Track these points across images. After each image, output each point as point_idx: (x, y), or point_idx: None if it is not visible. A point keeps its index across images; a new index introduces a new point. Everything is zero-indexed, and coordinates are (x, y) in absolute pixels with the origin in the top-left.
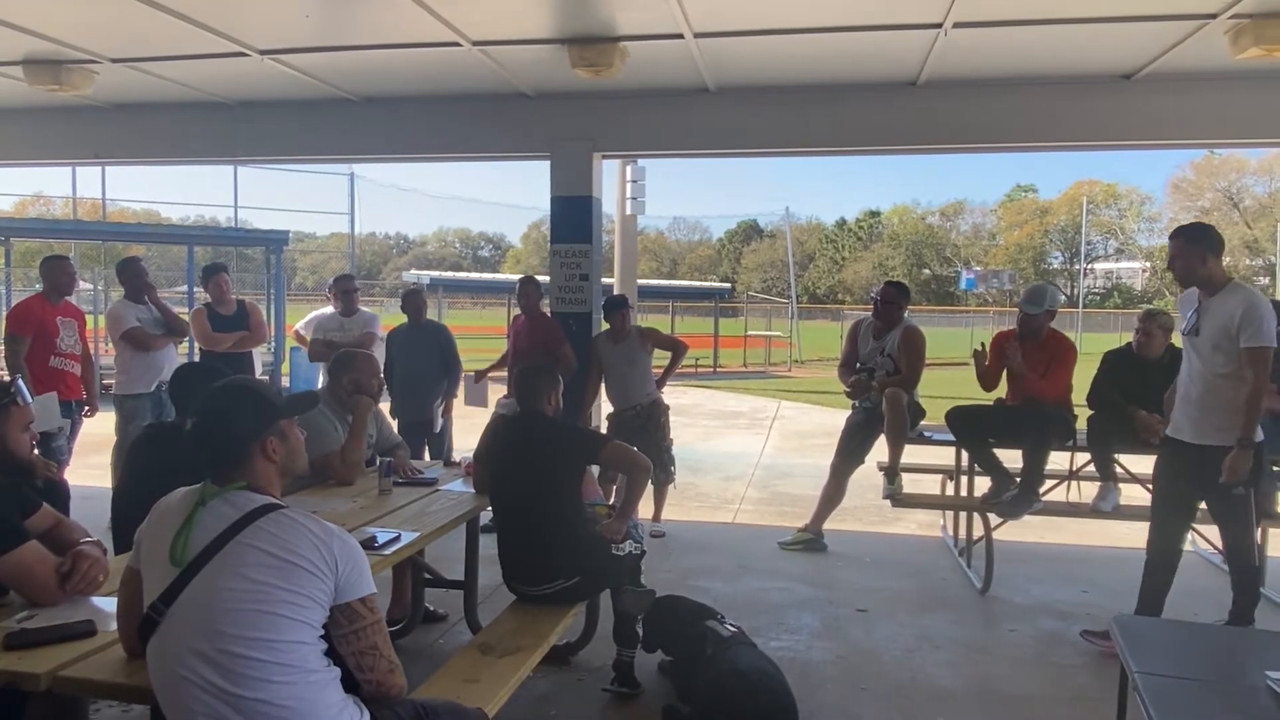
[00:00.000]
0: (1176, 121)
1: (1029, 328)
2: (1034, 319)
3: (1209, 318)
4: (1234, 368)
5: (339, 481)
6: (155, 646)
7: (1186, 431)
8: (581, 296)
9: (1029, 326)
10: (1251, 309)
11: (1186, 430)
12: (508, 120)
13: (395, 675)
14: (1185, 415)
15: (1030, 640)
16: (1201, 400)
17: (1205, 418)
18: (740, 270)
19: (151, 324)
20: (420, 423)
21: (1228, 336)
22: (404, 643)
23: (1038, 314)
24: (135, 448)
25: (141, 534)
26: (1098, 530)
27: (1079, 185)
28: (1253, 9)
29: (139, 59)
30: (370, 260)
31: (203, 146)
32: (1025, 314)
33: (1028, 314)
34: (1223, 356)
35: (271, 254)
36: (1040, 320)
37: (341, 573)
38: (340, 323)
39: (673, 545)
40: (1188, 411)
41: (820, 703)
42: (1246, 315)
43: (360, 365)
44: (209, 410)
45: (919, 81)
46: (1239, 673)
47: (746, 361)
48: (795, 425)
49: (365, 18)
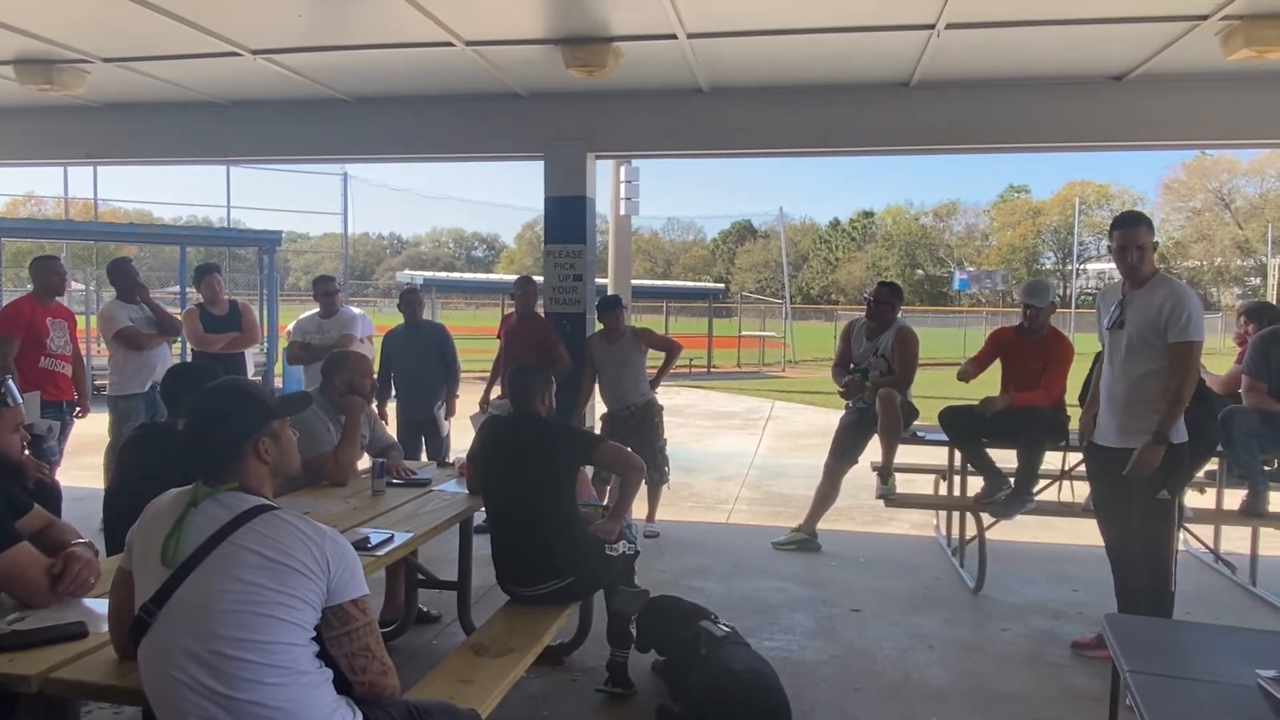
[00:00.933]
0: (1167, 122)
1: (1035, 322)
2: (1041, 312)
3: (1134, 311)
4: (1160, 364)
5: (332, 482)
6: (147, 648)
7: (1111, 435)
8: (575, 297)
9: (1036, 321)
10: (1180, 302)
11: (1111, 434)
12: (501, 120)
13: (388, 676)
14: (1109, 418)
15: (1023, 639)
16: (1126, 401)
17: (1131, 419)
18: (734, 270)
19: (144, 324)
20: (420, 422)
21: (1155, 331)
22: (397, 643)
23: (1044, 306)
24: (128, 448)
25: (133, 535)
26: (1090, 530)
27: (1071, 186)
28: (1243, 10)
29: (131, 59)
30: (364, 260)
31: (195, 146)
32: (1033, 307)
33: (1036, 307)
34: (1150, 352)
35: (264, 254)
36: (1046, 314)
37: (333, 574)
38: (319, 324)
39: (666, 545)
40: (1112, 414)
41: (814, 702)
42: (1175, 309)
43: (353, 365)
44: (201, 410)
45: (912, 82)
46: (1230, 671)
47: (740, 362)
48: (789, 425)
49: (358, 17)
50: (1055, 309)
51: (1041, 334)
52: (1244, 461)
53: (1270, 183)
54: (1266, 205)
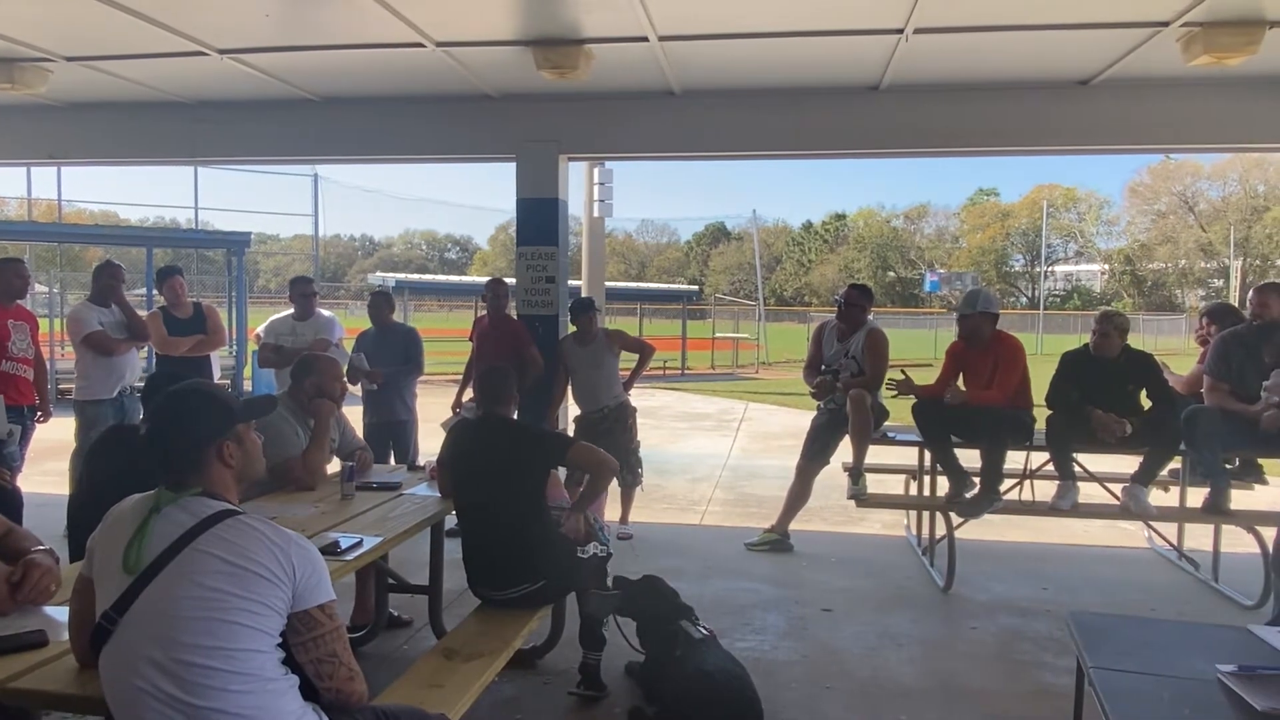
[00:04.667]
0: (1132, 127)
1: (964, 329)
2: (966, 319)
3: None
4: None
5: (300, 486)
6: (108, 656)
7: None
8: (548, 299)
9: (964, 328)
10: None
11: None
12: (473, 122)
13: (355, 683)
14: None
15: (990, 637)
16: None
17: None
18: (708, 272)
19: (114, 327)
20: (387, 424)
21: None
22: (368, 649)
23: (969, 314)
24: (93, 453)
25: (94, 541)
26: (1056, 528)
27: (1039, 189)
28: (1203, 17)
29: (94, 57)
30: (335, 262)
31: (162, 147)
32: (959, 315)
33: (961, 315)
34: None
35: (233, 256)
36: (975, 322)
37: (299, 579)
38: (293, 326)
39: (640, 547)
40: None
41: (785, 702)
42: None
43: (323, 369)
44: (163, 414)
45: (881, 86)
46: (1191, 666)
47: (714, 363)
48: (762, 426)
49: (327, 18)
50: (996, 318)
51: (984, 340)
52: (1206, 460)
53: (1232, 186)
54: (1229, 208)
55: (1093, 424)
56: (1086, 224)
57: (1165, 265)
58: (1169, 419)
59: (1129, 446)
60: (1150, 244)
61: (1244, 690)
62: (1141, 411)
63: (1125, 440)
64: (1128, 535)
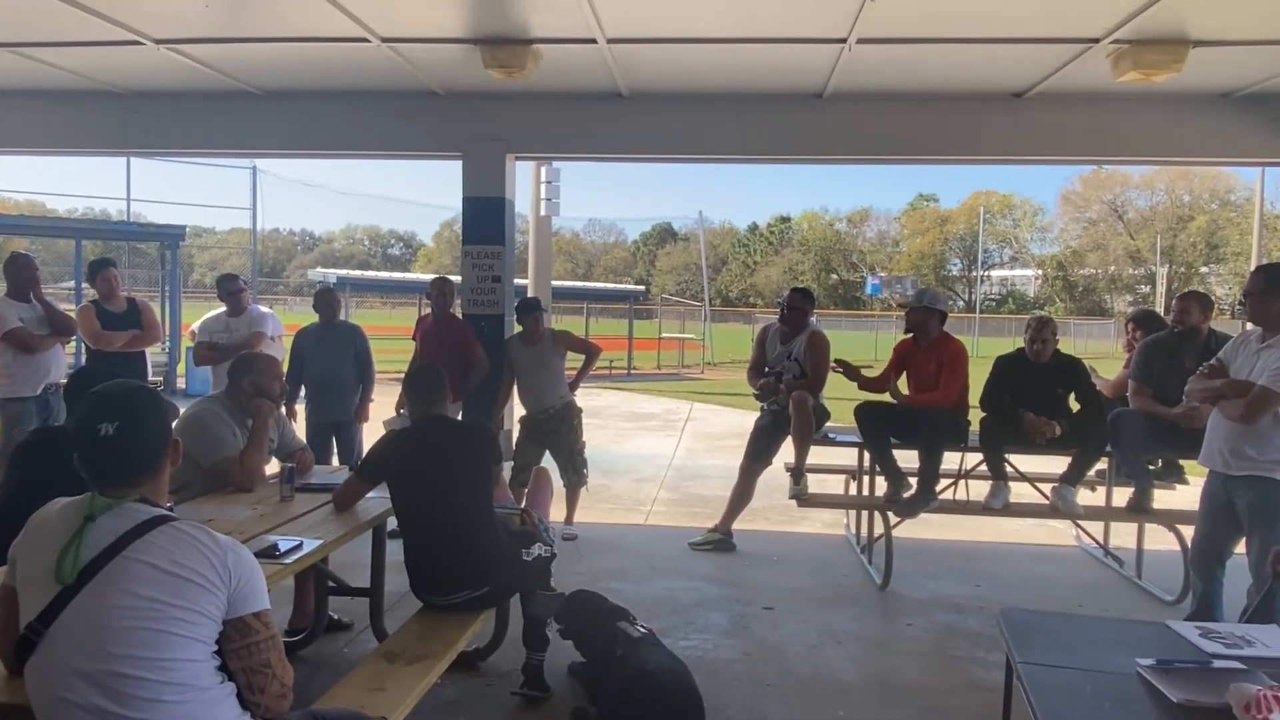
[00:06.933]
0: (1063, 138)
1: (910, 321)
2: (913, 312)
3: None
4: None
5: (238, 488)
6: (34, 668)
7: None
8: (494, 299)
9: (910, 320)
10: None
11: None
12: (418, 119)
13: (285, 701)
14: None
15: (925, 634)
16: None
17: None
18: (655, 273)
19: (36, 323)
20: (330, 424)
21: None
22: (307, 652)
23: (915, 307)
24: (19, 455)
25: (16, 550)
26: (990, 527)
27: (976, 195)
28: (1132, 35)
29: (23, 44)
30: (274, 257)
31: (93, 137)
32: (908, 309)
33: (910, 308)
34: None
35: (167, 249)
36: (920, 315)
37: (234, 586)
38: (226, 323)
39: (584, 548)
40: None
41: (727, 700)
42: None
43: (262, 367)
44: (122, 414)
45: (825, 94)
46: (1113, 661)
47: (660, 363)
48: (707, 427)
49: (268, 10)
50: (944, 317)
51: (930, 336)
52: (1130, 461)
53: (1160, 196)
54: (1156, 217)
55: (1024, 425)
56: (1021, 230)
57: (1096, 271)
58: (1096, 421)
59: (1058, 448)
60: (1082, 250)
61: (1161, 683)
62: (1070, 414)
63: (1055, 441)
64: (1057, 534)
